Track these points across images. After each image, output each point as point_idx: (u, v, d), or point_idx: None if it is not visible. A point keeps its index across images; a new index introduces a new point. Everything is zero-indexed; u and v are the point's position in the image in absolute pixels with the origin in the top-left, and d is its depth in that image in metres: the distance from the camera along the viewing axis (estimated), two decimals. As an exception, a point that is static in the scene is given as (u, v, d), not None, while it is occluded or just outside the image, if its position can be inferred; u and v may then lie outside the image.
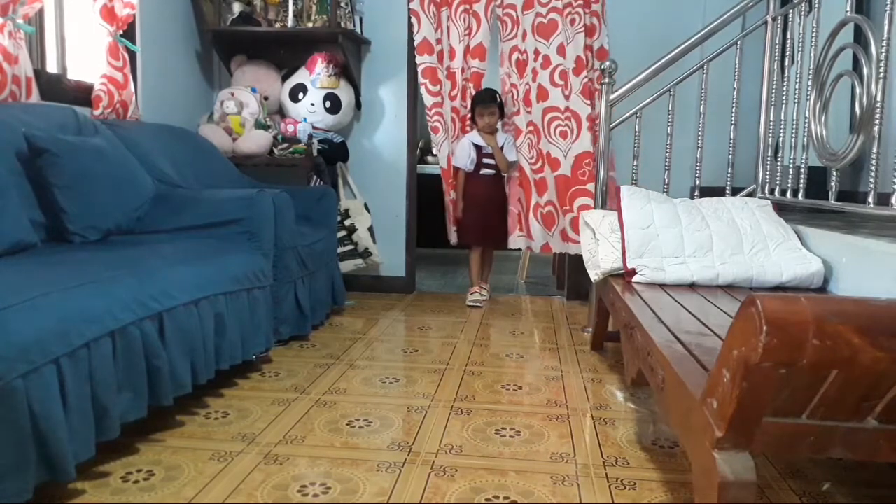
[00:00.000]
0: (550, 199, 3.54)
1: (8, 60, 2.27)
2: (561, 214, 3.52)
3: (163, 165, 2.78)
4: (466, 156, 3.59)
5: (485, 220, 3.65)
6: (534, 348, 2.84)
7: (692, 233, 2.34)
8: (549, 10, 3.46)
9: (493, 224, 3.67)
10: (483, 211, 3.65)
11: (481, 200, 3.65)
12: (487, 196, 3.66)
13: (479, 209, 3.65)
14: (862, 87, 2.05)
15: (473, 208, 3.65)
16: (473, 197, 3.65)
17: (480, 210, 3.65)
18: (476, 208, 3.65)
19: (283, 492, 1.54)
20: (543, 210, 3.57)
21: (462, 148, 3.60)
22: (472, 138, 3.59)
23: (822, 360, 0.92)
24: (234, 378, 2.27)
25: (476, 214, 3.65)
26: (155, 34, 3.25)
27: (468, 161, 3.59)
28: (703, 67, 3.05)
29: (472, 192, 3.65)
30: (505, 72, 3.59)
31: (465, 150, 3.59)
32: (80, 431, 1.47)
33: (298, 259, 2.76)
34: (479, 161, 3.61)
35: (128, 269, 1.82)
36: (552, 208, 3.55)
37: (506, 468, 1.69)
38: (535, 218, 3.60)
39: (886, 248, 1.83)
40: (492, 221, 3.67)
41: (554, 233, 3.56)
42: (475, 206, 3.65)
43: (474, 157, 3.59)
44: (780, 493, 1.58)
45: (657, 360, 1.45)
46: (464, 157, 3.60)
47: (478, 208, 3.65)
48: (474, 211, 3.65)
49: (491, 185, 3.66)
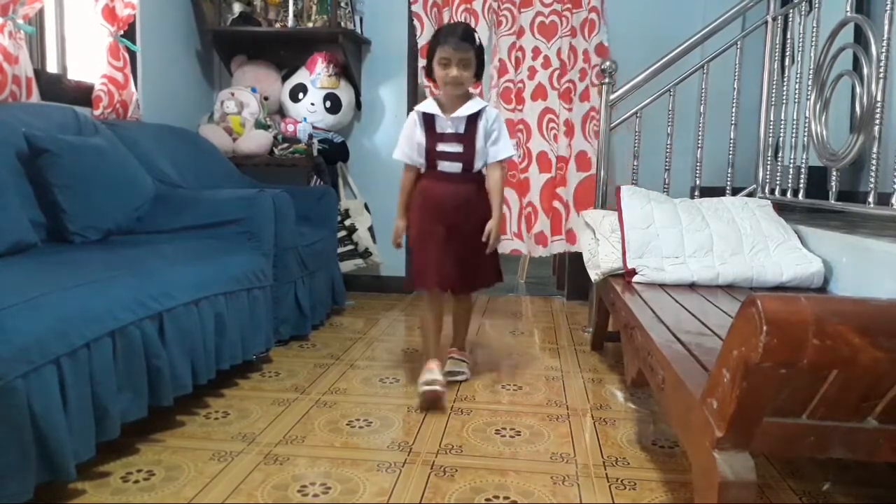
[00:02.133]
0: (531, 201, 3.50)
1: (8, 60, 2.27)
2: (543, 216, 3.49)
3: (163, 165, 2.78)
4: (409, 141, 2.22)
5: (446, 250, 2.19)
6: (534, 348, 2.84)
7: (692, 233, 2.34)
8: (551, 11, 3.45)
9: (462, 256, 2.22)
10: (444, 235, 2.19)
11: (440, 216, 2.19)
12: (451, 207, 2.19)
13: (436, 234, 2.19)
14: (862, 87, 2.05)
15: (425, 231, 2.21)
16: (426, 211, 2.21)
17: (438, 234, 2.19)
18: (430, 232, 2.20)
19: (283, 492, 1.54)
20: (524, 212, 3.53)
21: (405, 129, 2.25)
22: (425, 108, 2.19)
23: (823, 360, 0.92)
24: (234, 378, 2.27)
25: (431, 241, 2.20)
26: (155, 34, 3.25)
27: (414, 150, 2.21)
28: (703, 67, 3.05)
29: (423, 201, 2.22)
30: (494, 66, 3.49)
31: (408, 133, 2.23)
32: (80, 431, 1.47)
33: (298, 259, 2.76)
34: (433, 148, 2.17)
35: (128, 269, 1.82)
36: (531, 209, 3.51)
37: (506, 468, 1.68)
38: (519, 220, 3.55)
39: (887, 248, 1.83)
40: (461, 251, 2.21)
41: (530, 235, 3.52)
42: (429, 225, 2.21)
43: (423, 143, 2.18)
44: (781, 493, 1.58)
45: (657, 360, 1.45)
46: (406, 145, 2.23)
47: (433, 232, 2.20)
48: (427, 236, 2.21)
49: (457, 189, 2.19)
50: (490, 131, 2.18)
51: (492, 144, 2.20)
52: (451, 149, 2.18)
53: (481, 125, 2.16)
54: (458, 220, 2.19)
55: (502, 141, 2.20)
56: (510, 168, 3.47)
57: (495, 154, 2.20)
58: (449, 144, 2.18)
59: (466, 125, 2.16)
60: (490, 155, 2.20)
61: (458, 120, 2.16)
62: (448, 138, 2.18)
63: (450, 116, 2.16)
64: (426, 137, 2.18)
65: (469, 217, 2.20)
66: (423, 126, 2.18)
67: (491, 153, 2.20)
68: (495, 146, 2.20)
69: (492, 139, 2.19)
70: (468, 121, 2.16)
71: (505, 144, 2.21)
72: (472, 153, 2.18)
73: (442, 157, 2.19)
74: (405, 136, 2.23)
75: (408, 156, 2.24)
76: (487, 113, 2.18)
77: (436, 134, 2.17)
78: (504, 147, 2.21)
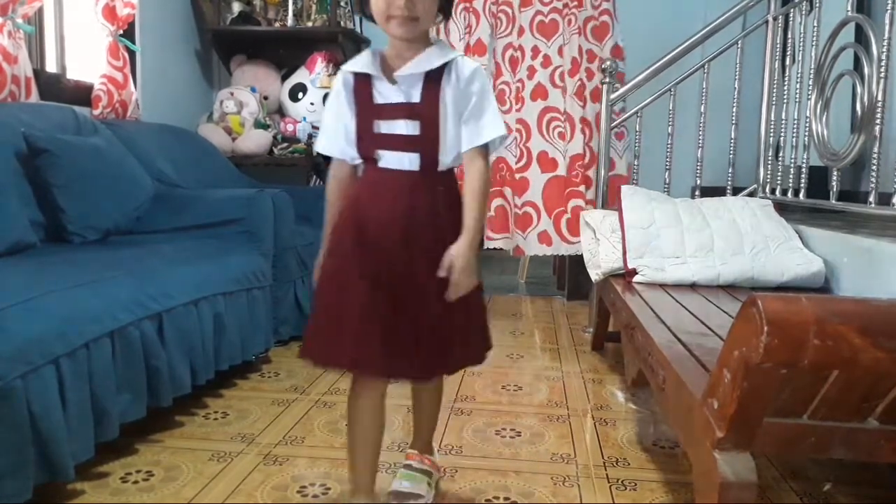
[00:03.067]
0: (529, 200, 3.46)
1: (7, 60, 2.26)
2: (546, 216, 3.47)
3: (162, 165, 2.78)
4: (335, 123, 1.36)
5: (384, 305, 1.27)
6: (534, 348, 2.83)
7: (693, 233, 2.34)
8: (551, 9, 3.44)
9: (418, 314, 1.28)
10: (381, 279, 1.27)
11: (376, 246, 1.29)
12: (398, 233, 1.29)
13: (365, 275, 1.27)
14: (863, 86, 2.05)
15: (345, 268, 1.30)
16: (352, 235, 1.31)
17: (369, 276, 1.27)
18: (352, 272, 1.28)
19: (282, 492, 1.54)
20: (519, 211, 3.51)
21: (328, 104, 1.39)
22: (356, 66, 1.33)
23: (823, 361, 0.92)
24: (233, 378, 2.27)
25: (353, 287, 1.28)
26: (155, 34, 3.25)
27: (341, 136, 1.35)
28: (703, 67, 3.04)
29: (351, 220, 1.32)
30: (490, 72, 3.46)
31: (333, 110, 1.36)
32: (79, 432, 1.46)
33: (298, 259, 2.75)
34: (368, 129, 1.32)
35: (127, 269, 1.82)
36: (530, 209, 3.48)
37: (506, 469, 1.68)
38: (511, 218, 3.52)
39: (887, 248, 1.83)
40: (416, 306, 1.28)
41: (528, 234, 3.49)
42: (353, 259, 1.29)
43: (351, 128, 1.33)
44: (781, 494, 1.58)
45: (658, 360, 1.44)
46: (331, 128, 1.37)
47: (360, 273, 1.28)
48: (348, 277, 1.29)
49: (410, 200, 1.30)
50: (465, 97, 1.28)
51: (468, 120, 1.29)
52: (400, 130, 1.29)
53: (449, 89, 1.28)
54: (410, 254, 1.27)
55: (487, 115, 1.29)
56: (506, 169, 3.44)
57: (473, 135, 1.29)
58: (395, 123, 1.29)
59: (424, 90, 1.28)
60: (464, 137, 1.29)
61: (410, 81, 1.28)
62: (393, 112, 1.29)
63: (396, 75, 1.28)
64: (357, 112, 1.31)
65: (431, 248, 1.26)
66: (352, 95, 1.32)
67: (465, 134, 1.29)
68: (475, 122, 1.29)
69: (468, 110, 1.28)
70: (426, 82, 1.28)
71: (491, 120, 1.30)
72: (435, 136, 1.28)
73: (384, 143, 1.30)
74: (329, 114, 1.36)
75: (335, 146, 1.35)
76: (459, 67, 1.28)
77: (373, 106, 1.30)
78: (489, 123, 1.29)
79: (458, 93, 1.28)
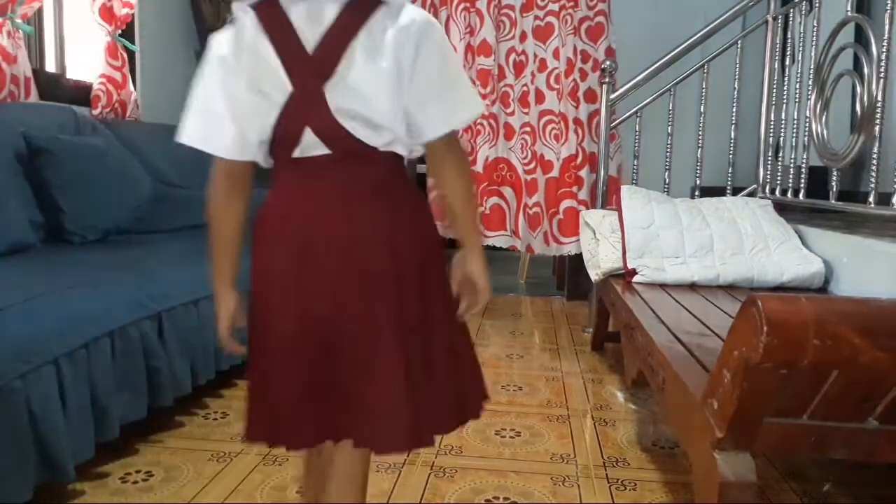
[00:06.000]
0: (538, 201, 3.51)
1: (6, 60, 2.26)
2: (546, 216, 3.50)
3: (162, 165, 2.78)
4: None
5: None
6: (534, 348, 2.83)
7: (693, 233, 2.34)
8: (547, 13, 3.45)
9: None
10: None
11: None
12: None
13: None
14: (863, 86, 2.05)
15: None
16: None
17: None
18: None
19: (282, 492, 1.54)
20: (531, 211, 3.53)
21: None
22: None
23: (823, 361, 0.92)
24: (233, 378, 2.26)
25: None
26: (154, 34, 3.24)
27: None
28: (703, 67, 3.04)
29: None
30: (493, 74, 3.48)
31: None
32: (79, 432, 1.46)
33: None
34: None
35: (127, 270, 1.82)
36: (539, 209, 3.52)
37: (506, 469, 1.68)
38: (523, 218, 3.56)
39: (887, 248, 1.83)
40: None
41: (537, 234, 3.53)
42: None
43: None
44: (781, 494, 1.58)
45: (657, 360, 1.44)
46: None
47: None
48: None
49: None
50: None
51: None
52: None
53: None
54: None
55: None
56: (507, 169, 3.47)
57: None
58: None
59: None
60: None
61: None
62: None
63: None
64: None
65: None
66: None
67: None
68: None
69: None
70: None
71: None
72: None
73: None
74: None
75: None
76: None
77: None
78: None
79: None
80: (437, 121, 0.93)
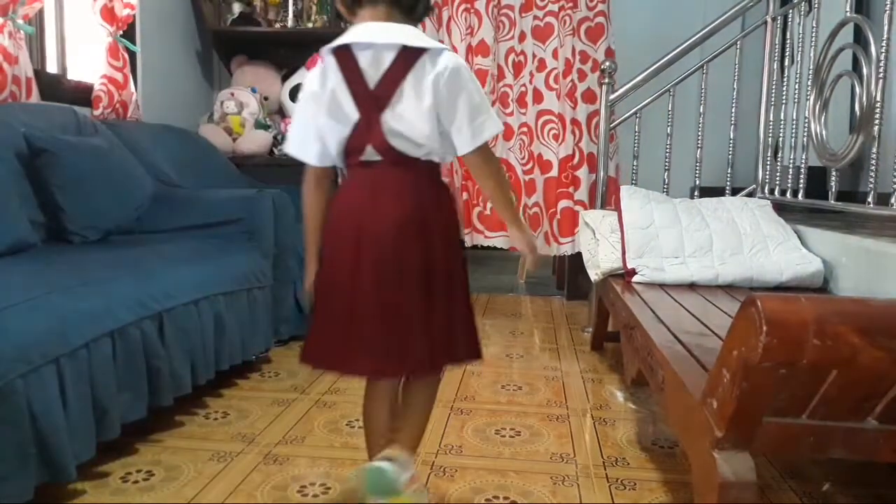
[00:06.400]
0: (537, 201, 3.52)
1: (8, 60, 2.27)
2: (546, 216, 3.51)
3: (163, 165, 2.78)
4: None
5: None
6: (534, 348, 2.84)
7: (692, 233, 2.34)
8: (546, 13, 3.45)
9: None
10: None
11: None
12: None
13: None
14: (862, 87, 2.05)
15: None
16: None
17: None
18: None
19: (282, 492, 1.54)
20: (530, 212, 3.55)
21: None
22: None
23: (822, 361, 0.92)
24: (233, 378, 2.27)
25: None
26: (155, 34, 3.25)
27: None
28: (702, 67, 3.05)
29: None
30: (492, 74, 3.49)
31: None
32: (80, 432, 1.47)
33: (298, 259, 2.75)
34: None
35: (127, 269, 1.82)
36: (538, 210, 3.53)
37: (506, 468, 1.68)
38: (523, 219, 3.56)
39: (886, 248, 1.83)
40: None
41: (538, 234, 3.54)
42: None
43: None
44: (781, 494, 1.58)
45: (657, 360, 1.45)
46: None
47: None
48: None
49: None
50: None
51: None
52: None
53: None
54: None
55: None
56: (507, 170, 3.45)
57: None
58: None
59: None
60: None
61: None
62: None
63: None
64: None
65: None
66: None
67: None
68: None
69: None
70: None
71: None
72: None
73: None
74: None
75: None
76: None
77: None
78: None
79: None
80: (466, 141, 1.24)
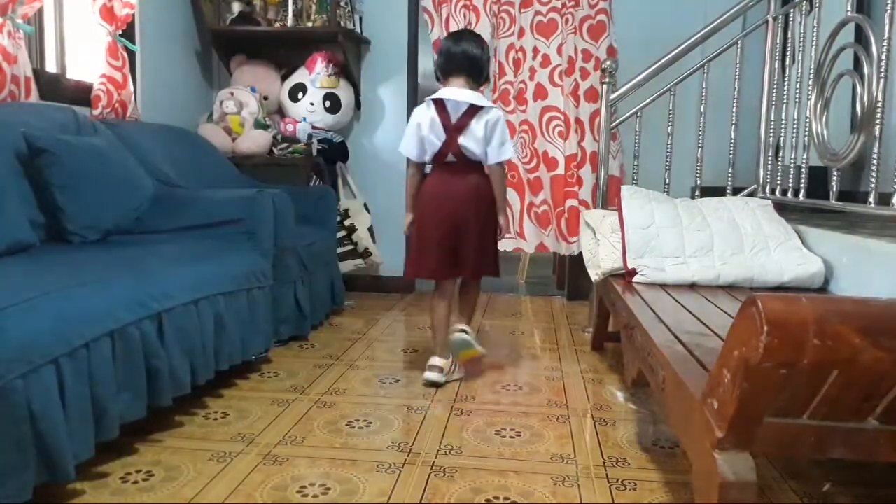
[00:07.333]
0: (545, 199, 3.53)
1: (7, 60, 2.26)
2: (554, 214, 3.52)
3: (162, 165, 2.78)
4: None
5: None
6: (534, 348, 2.84)
7: (693, 233, 2.34)
8: (550, 9, 3.45)
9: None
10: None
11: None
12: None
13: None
14: (863, 86, 2.05)
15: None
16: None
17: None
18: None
19: (282, 492, 1.54)
20: (538, 209, 3.55)
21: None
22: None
23: (823, 361, 0.92)
24: (233, 378, 2.27)
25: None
26: (154, 34, 3.24)
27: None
28: (703, 67, 3.04)
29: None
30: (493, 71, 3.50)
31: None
32: (79, 432, 1.46)
33: (298, 259, 2.75)
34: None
35: (127, 269, 1.82)
36: (547, 207, 3.53)
37: (506, 469, 1.68)
38: (528, 218, 3.57)
39: (887, 248, 1.83)
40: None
41: (549, 232, 3.55)
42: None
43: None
44: (781, 494, 1.58)
45: (657, 360, 1.44)
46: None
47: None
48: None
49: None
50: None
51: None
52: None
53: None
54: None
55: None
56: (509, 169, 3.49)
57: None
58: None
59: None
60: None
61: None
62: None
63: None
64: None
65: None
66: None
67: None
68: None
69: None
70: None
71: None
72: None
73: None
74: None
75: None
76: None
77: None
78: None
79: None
80: (494, 158, 2.31)
